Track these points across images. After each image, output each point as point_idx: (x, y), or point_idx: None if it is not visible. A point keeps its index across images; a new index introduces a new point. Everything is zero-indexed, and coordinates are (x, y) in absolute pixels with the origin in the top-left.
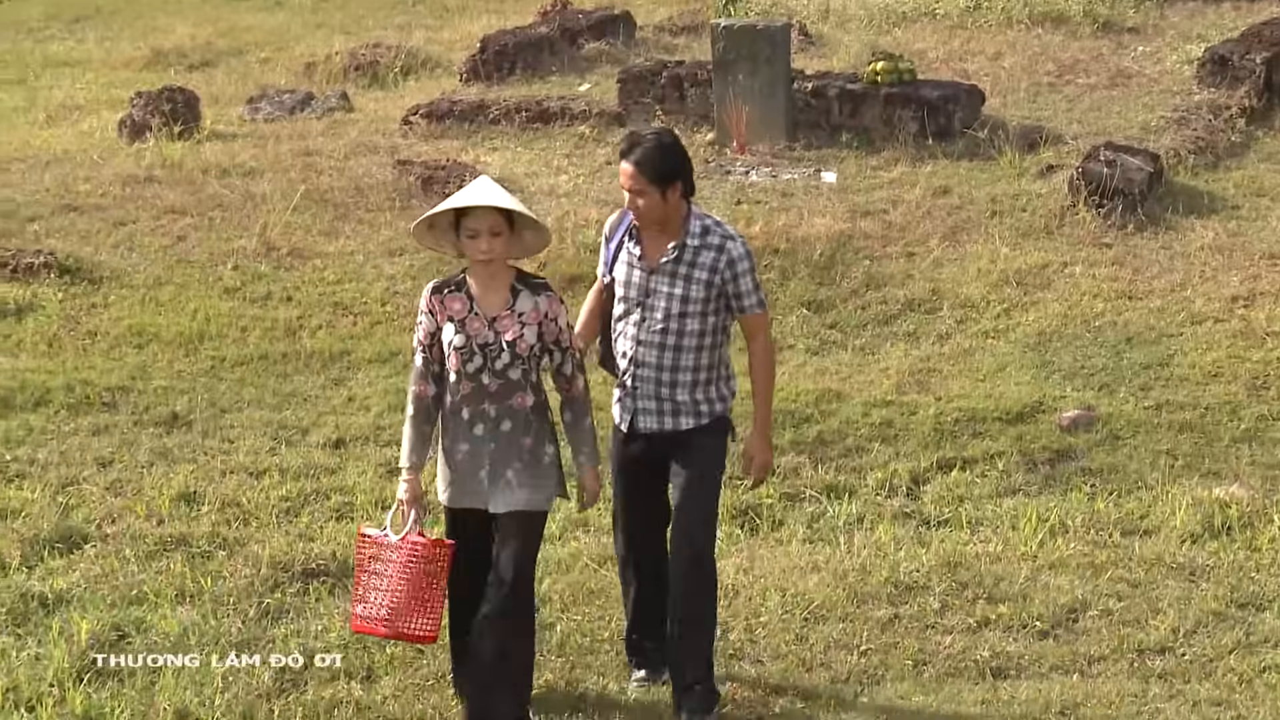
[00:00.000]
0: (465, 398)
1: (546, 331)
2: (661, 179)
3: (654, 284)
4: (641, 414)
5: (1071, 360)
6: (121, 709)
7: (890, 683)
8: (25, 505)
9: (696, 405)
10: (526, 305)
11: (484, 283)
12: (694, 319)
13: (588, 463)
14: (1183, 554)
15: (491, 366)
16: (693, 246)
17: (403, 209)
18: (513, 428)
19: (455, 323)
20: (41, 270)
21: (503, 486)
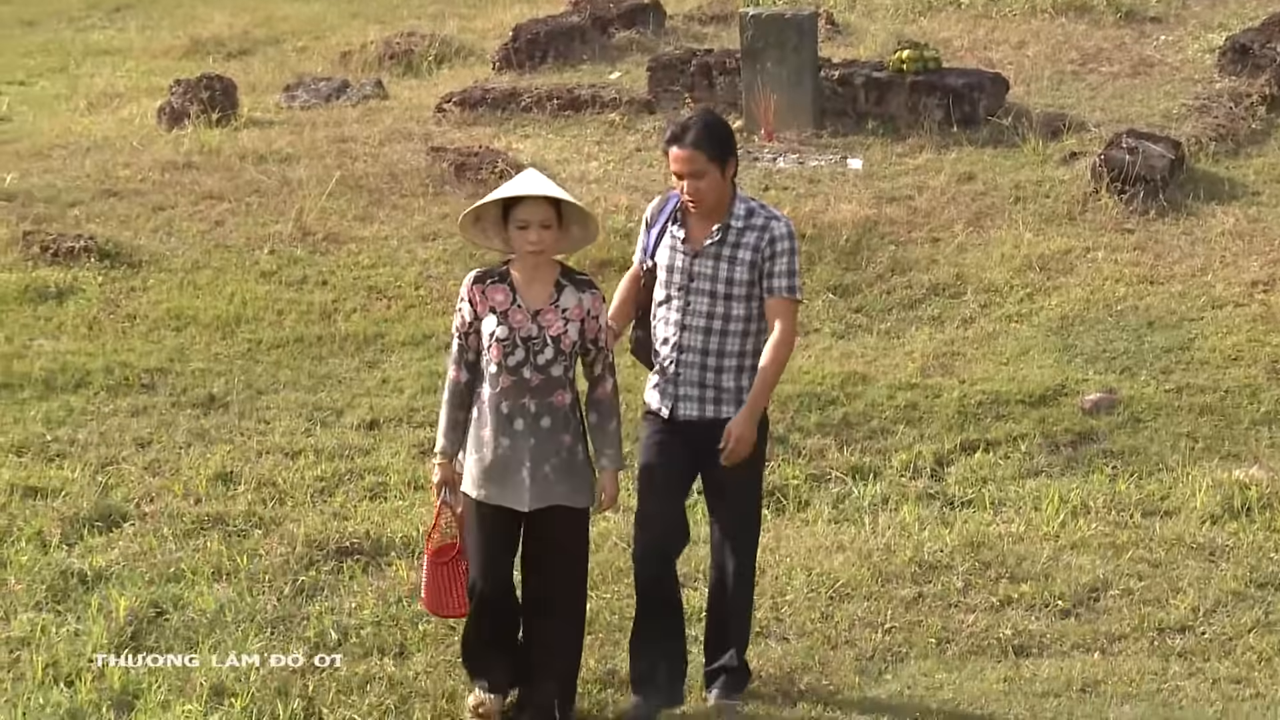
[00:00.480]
0: (505, 391)
1: (587, 329)
2: (722, 156)
3: (698, 267)
4: (683, 401)
5: (1093, 344)
6: (158, 684)
7: (914, 660)
8: (65, 484)
9: (740, 392)
10: (571, 301)
11: (528, 275)
12: (739, 303)
13: (610, 465)
14: (1203, 534)
15: (534, 361)
16: (737, 228)
17: (436, 195)
18: (552, 424)
19: (497, 314)
20: (82, 254)
21: (539, 482)
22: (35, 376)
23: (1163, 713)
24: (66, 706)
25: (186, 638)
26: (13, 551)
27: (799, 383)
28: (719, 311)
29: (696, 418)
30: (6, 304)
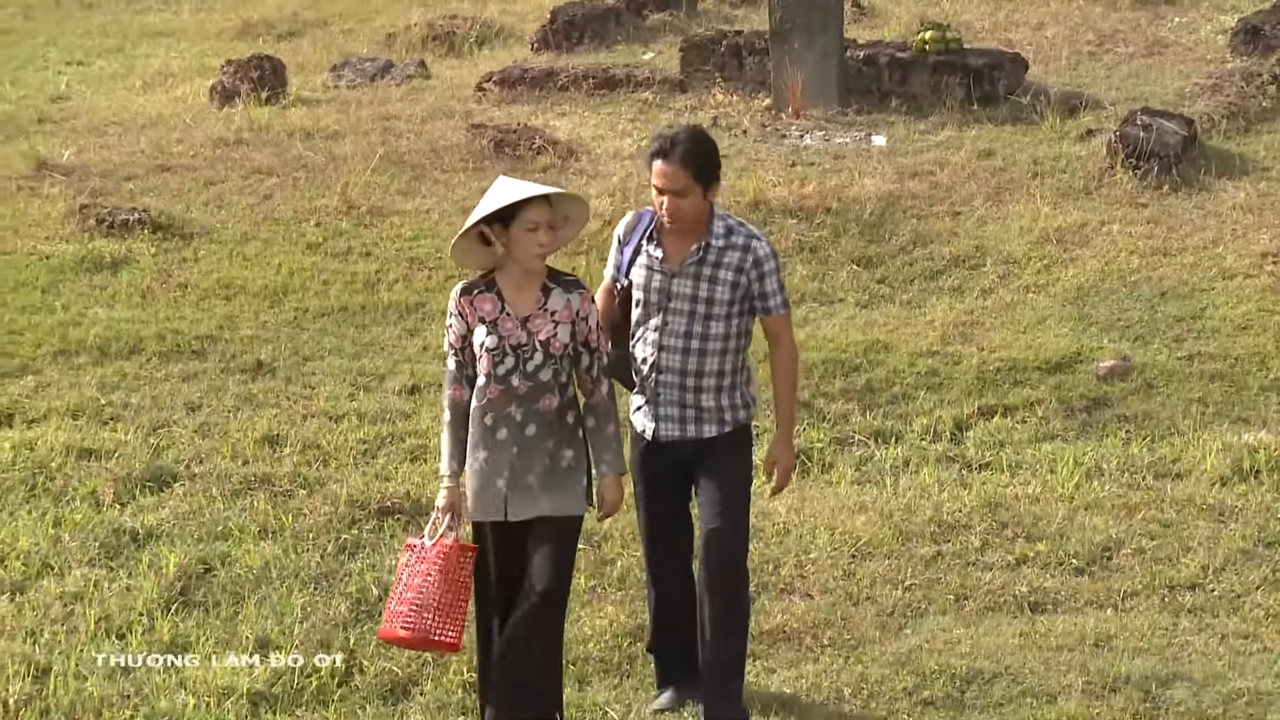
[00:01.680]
0: (491, 401)
1: (578, 331)
2: (705, 176)
3: (676, 286)
4: (664, 421)
5: (1108, 313)
6: (206, 637)
7: (933, 616)
8: (119, 446)
9: (721, 412)
10: (559, 303)
11: (516, 282)
12: (718, 321)
13: (609, 470)
14: (1213, 496)
15: (523, 368)
16: (717, 247)
17: (476, 170)
18: (537, 432)
19: (487, 324)
20: (136, 226)
21: (522, 492)
22: (90, 343)
23: (1172, 666)
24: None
25: (234, 593)
26: (68, 510)
27: (824, 350)
28: (697, 331)
29: (678, 438)
30: (63, 274)
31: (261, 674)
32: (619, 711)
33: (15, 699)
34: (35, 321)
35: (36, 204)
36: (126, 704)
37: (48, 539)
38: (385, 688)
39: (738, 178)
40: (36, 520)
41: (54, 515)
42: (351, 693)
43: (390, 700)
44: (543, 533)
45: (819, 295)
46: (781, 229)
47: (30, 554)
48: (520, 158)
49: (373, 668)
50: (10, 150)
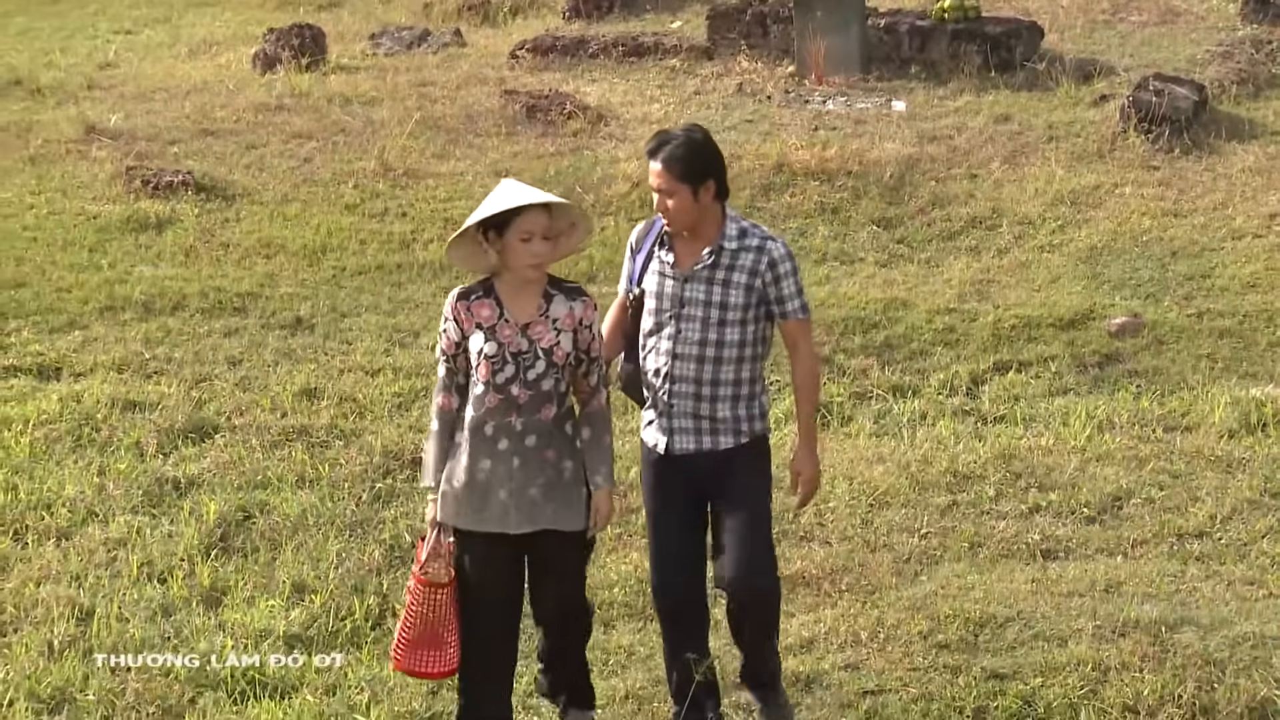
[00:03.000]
0: (490, 411)
1: (580, 339)
2: (691, 177)
3: (689, 292)
4: (678, 434)
5: (1120, 272)
6: (245, 581)
7: (948, 563)
8: (162, 399)
9: (737, 422)
10: (561, 310)
11: (516, 288)
12: (733, 328)
13: (604, 484)
14: (1221, 448)
15: (523, 377)
16: (730, 250)
17: (509, 134)
18: (537, 442)
19: (485, 330)
20: (180, 188)
21: (527, 505)
22: (135, 300)
23: (1181, 611)
24: (159, 601)
25: (271, 540)
26: (112, 460)
27: (844, 307)
28: (712, 338)
29: (694, 450)
30: (110, 233)
31: (297, 617)
32: (642, 654)
33: (60, 640)
34: (83, 279)
35: (85, 166)
36: (166, 645)
37: (93, 487)
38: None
39: (762, 142)
40: (82, 469)
41: (99, 465)
42: (384, 635)
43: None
44: (553, 551)
45: (840, 255)
46: (804, 191)
47: (76, 501)
48: (551, 122)
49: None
50: (60, 115)
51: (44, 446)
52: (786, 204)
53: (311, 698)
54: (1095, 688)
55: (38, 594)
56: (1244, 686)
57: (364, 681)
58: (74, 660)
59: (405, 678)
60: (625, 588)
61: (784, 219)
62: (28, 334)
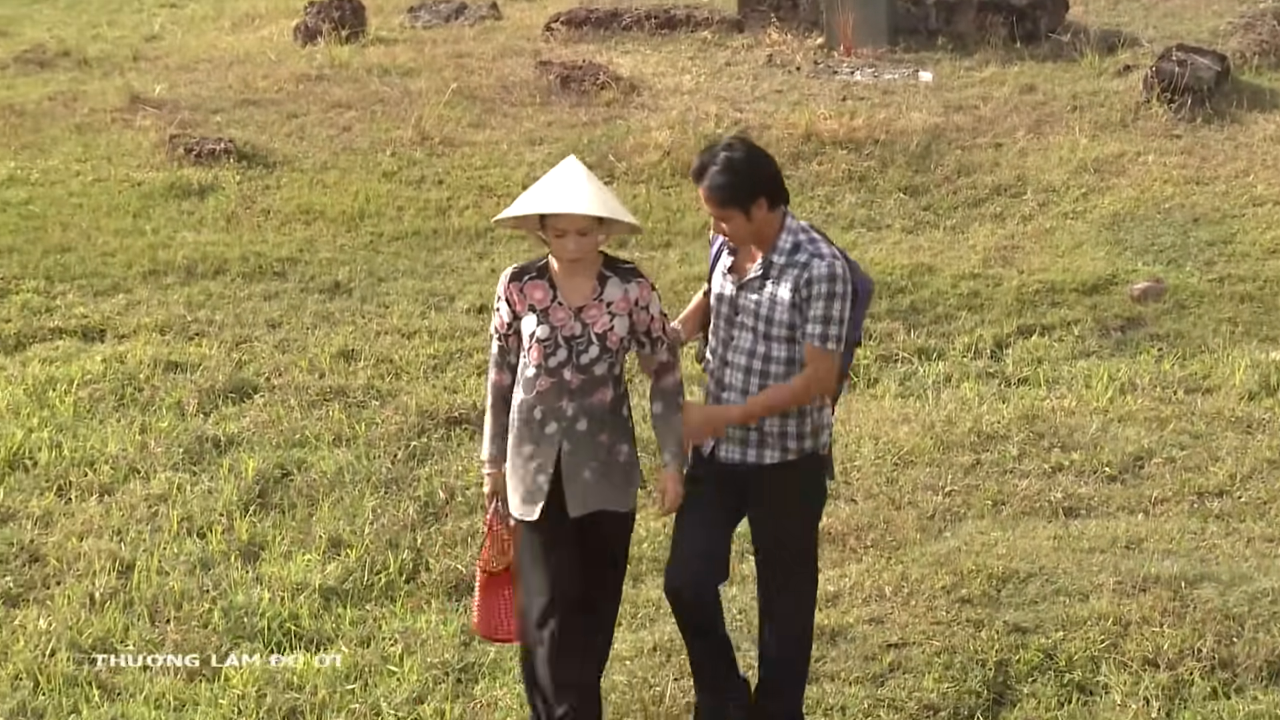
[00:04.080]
0: (541, 394)
1: (638, 321)
2: (738, 201)
3: (743, 300)
4: (725, 442)
5: (1143, 238)
6: (282, 536)
7: (971, 520)
8: (203, 360)
9: (784, 439)
10: (615, 293)
11: (569, 270)
12: (780, 344)
13: (673, 462)
14: (1241, 409)
15: (576, 361)
16: (779, 264)
17: (543, 104)
18: (589, 426)
19: (537, 313)
20: (222, 155)
21: (579, 487)
22: (178, 264)
23: (1200, 567)
24: (198, 555)
25: (309, 496)
26: (154, 419)
27: (871, 272)
28: (760, 351)
29: (738, 461)
30: (154, 200)
31: (333, 571)
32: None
33: (101, 592)
34: (127, 244)
35: (129, 135)
36: (205, 597)
37: (135, 445)
38: (450, 584)
39: (791, 112)
40: (125, 428)
41: (141, 423)
42: (418, 589)
43: (454, 596)
44: (603, 532)
45: (867, 221)
46: (832, 160)
47: (118, 459)
48: (585, 93)
49: (438, 566)
50: (106, 85)
51: (88, 406)
52: (815, 172)
53: (346, 649)
54: (1116, 641)
55: (80, 547)
56: (1263, 640)
57: (397, 634)
58: (115, 611)
59: (439, 629)
60: (654, 543)
61: (812, 187)
62: (73, 297)
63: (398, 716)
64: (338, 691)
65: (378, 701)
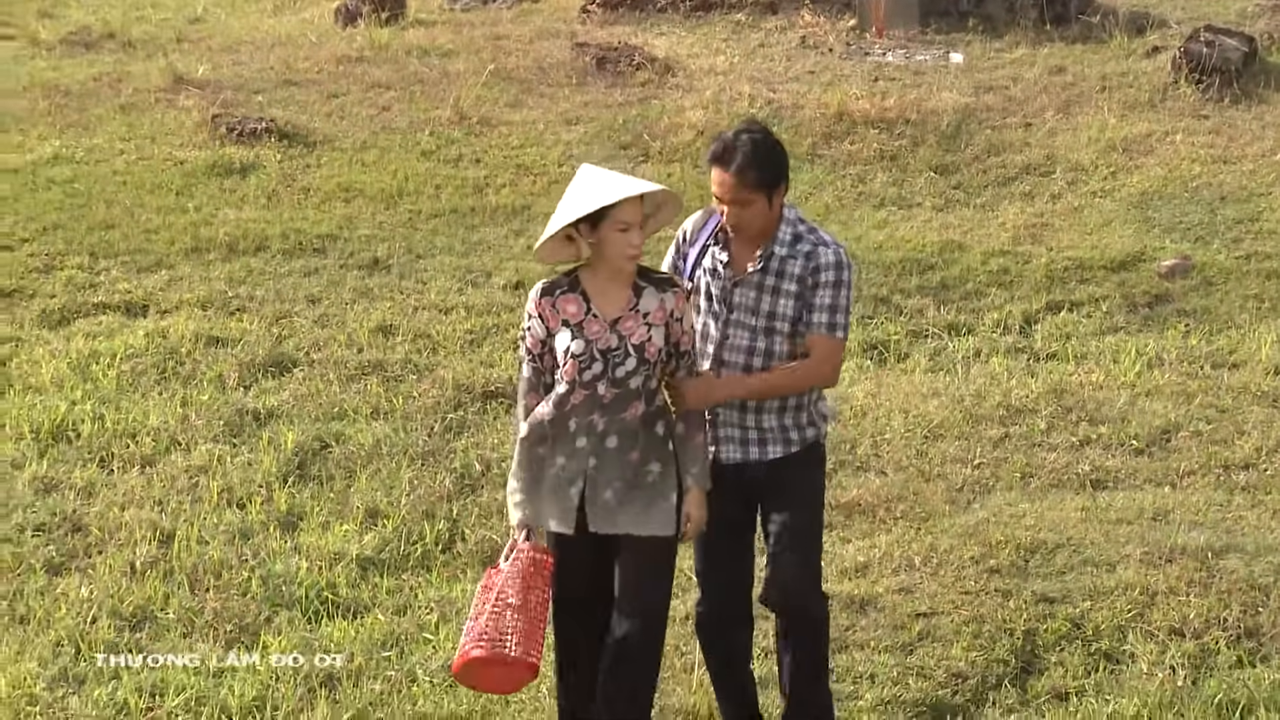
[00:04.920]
0: (574, 409)
1: (671, 332)
2: (766, 184)
3: (739, 297)
4: (724, 444)
5: (1170, 216)
6: (320, 507)
7: (1000, 492)
8: (244, 335)
9: (785, 431)
10: (651, 304)
11: (604, 281)
12: (781, 339)
13: (695, 484)
14: (1267, 384)
15: (611, 374)
16: (780, 255)
17: (579, 85)
18: (619, 444)
19: (571, 327)
20: (264, 135)
21: (600, 507)
22: (220, 241)
23: (1226, 539)
24: (238, 526)
25: (346, 468)
26: (195, 392)
27: (901, 250)
28: (760, 347)
29: (740, 460)
30: (196, 178)
31: (370, 541)
32: None
33: (142, 561)
34: (169, 221)
35: (173, 115)
36: (244, 566)
37: (176, 417)
38: (485, 554)
39: (823, 92)
40: (166, 401)
41: (182, 396)
42: (454, 559)
43: (489, 566)
44: (629, 558)
45: (898, 200)
46: (864, 139)
47: (160, 431)
48: (620, 74)
49: (473, 536)
50: (150, 67)
51: (130, 379)
52: (847, 151)
53: (383, 617)
54: (1143, 611)
55: (122, 517)
56: None
57: (433, 602)
58: (155, 580)
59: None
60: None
61: (844, 166)
62: (116, 273)
63: (433, 683)
64: (374, 658)
65: (413, 668)
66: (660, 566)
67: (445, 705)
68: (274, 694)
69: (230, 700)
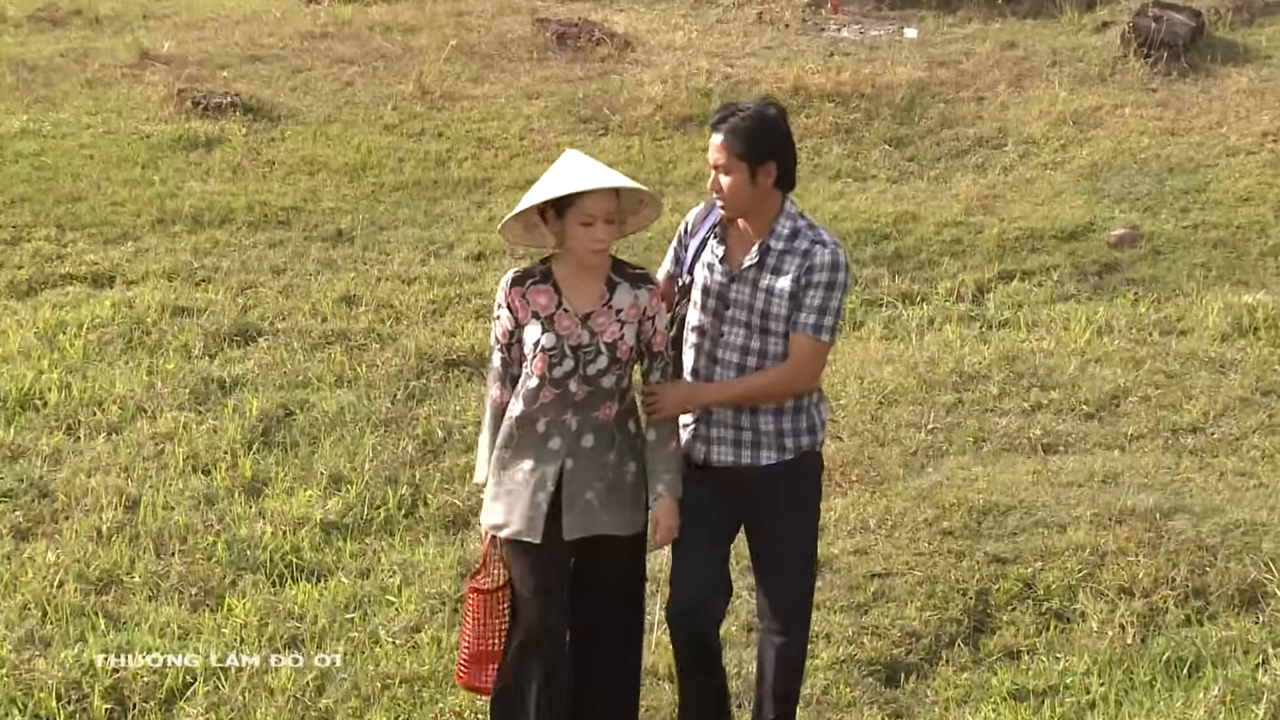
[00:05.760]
0: (544, 406)
1: (643, 331)
2: (752, 155)
3: (735, 293)
4: (716, 445)
5: (1120, 187)
6: (284, 473)
7: (953, 456)
8: (209, 305)
9: (781, 436)
10: (625, 300)
11: (576, 273)
12: (777, 339)
13: (667, 493)
14: (1214, 350)
15: (583, 372)
16: (777, 250)
17: (540, 60)
18: (595, 443)
19: (541, 320)
20: (229, 109)
21: (581, 509)
22: (185, 213)
23: (1175, 500)
24: (203, 492)
25: (310, 435)
26: (161, 360)
27: (856, 220)
28: (755, 347)
29: (732, 463)
30: (162, 152)
31: (334, 506)
32: None
33: (108, 526)
34: (136, 194)
35: (139, 90)
36: (209, 531)
37: (142, 385)
38: (447, 519)
39: (780, 67)
40: (133, 369)
41: (148, 365)
42: (416, 523)
43: (451, 530)
44: (611, 557)
45: (853, 172)
46: (819, 112)
47: (126, 399)
48: (581, 49)
49: (435, 501)
50: (117, 43)
51: (97, 348)
52: (803, 124)
53: (346, 580)
54: (1093, 571)
55: (88, 483)
56: (1235, 570)
57: (395, 565)
58: (121, 545)
59: (436, 561)
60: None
61: (801, 138)
62: (83, 245)
63: (395, 644)
64: (338, 620)
65: (376, 630)
66: (640, 569)
67: (407, 665)
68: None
69: (195, 661)
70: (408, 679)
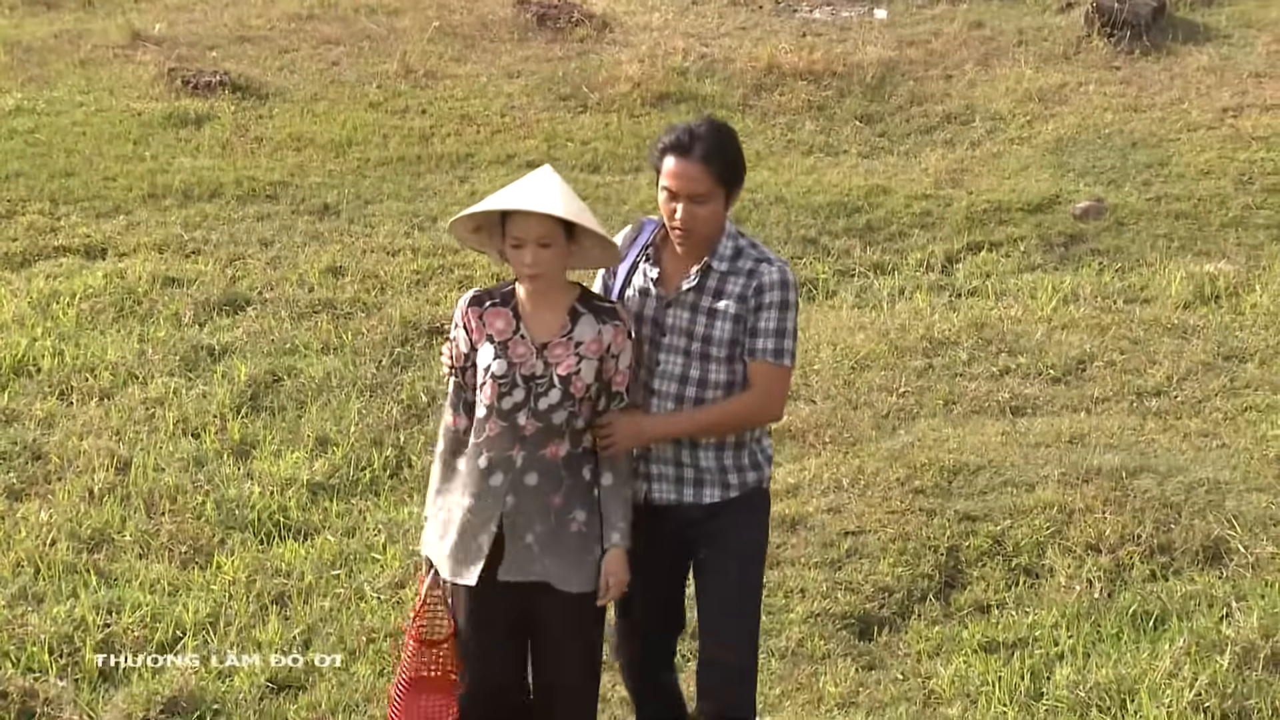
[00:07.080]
0: (490, 440)
1: (605, 369)
2: (733, 179)
3: (672, 318)
4: (657, 482)
5: (1084, 161)
6: (272, 436)
7: (924, 419)
8: (199, 275)
9: (724, 473)
10: (588, 333)
11: (536, 299)
12: (719, 365)
13: (621, 543)
14: (1177, 317)
15: (533, 405)
16: (719, 271)
17: (521, 40)
18: (539, 483)
19: (495, 344)
20: (218, 87)
21: (520, 552)
22: (176, 188)
23: (1140, 460)
24: (193, 454)
25: (298, 399)
26: (152, 329)
27: (829, 194)
28: (694, 375)
29: (674, 502)
30: (153, 128)
31: (321, 467)
32: None
33: (100, 487)
34: (128, 169)
35: (130, 69)
36: (198, 491)
37: (134, 353)
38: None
39: (754, 47)
40: (124, 337)
41: (140, 333)
42: (400, 484)
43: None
44: (552, 613)
45: (825, 147)
46: (792, 90)
47: (118, 365)
48: (560, 29)
49: (419, 462)
50: (109, 24)
51: (89, 317)
52: (777, 102)
53: (332, 539)
54: (1060, 528)
55: (80, 446)
56: (1198, 527)
57: (380, 524)
58: (113, 504)
59: (420, 520)
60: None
61: (774, 115)
62: (76, 218)
63: (380, 599)
64: (324, 577)
65: (361, 586)
66: (591, 631)
67: (391, 620)
68: (227, 610)
69: (185, 616)
70: (392, 633)
